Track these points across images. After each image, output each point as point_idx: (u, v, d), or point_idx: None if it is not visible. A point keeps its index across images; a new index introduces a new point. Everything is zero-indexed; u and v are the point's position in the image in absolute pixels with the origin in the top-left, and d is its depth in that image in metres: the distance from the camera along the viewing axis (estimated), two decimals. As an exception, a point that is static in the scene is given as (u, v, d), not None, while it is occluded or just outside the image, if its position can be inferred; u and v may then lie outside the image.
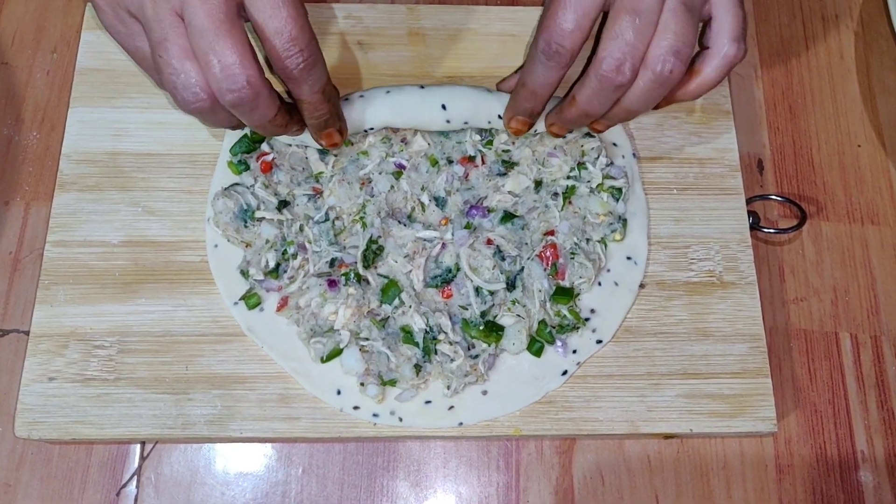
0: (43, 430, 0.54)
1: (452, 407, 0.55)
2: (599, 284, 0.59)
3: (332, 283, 0.56)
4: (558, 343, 0.57)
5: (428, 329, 0.55)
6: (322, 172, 0.60)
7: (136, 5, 0.47)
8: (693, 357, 0.57)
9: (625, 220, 0.60)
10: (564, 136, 0.59)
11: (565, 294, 0.57)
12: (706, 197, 0.62)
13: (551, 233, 0.58)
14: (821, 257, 0.63)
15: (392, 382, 0.55)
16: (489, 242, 0.58)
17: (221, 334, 0.57)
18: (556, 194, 0.60)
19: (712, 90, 0.55)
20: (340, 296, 0.56)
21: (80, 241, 0.59)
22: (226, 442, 0.56)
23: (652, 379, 0.57)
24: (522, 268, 0.58)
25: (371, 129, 0.59)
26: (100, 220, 0.59)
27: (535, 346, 0.56)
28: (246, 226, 0.58)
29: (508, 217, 0.59)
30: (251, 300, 0.57)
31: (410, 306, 0.56)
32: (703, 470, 0.57)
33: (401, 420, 0.55)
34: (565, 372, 0.56)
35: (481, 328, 0.56)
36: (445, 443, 0.57)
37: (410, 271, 0.57)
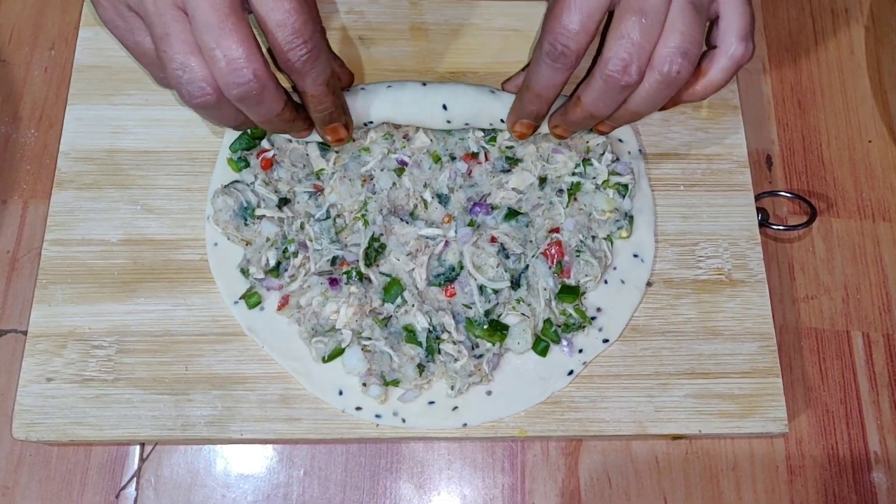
0: (41, 432, 0.54)
1: (456, 407, 0.55)
2: (606, 282, 0.58)
3: (334, 282, 0.56)
4: (564, 342, 0.56)
5: (431, 328, 0.55)
6: (323, 169, 0.59)
7: (136, 0, 0.47)
8: (702, 356, 0.57)
9: (631, 217, 0.59)
10: (567, 142, 0.59)
11: (571, 292, 0.57)
12: (714, 193, 0.61)
13: (556, 230, 0.58)
14: (831, 254, 0.63)
15: (395, 383, 0.55)
16: (493, 240, 0.57)
17: (221, 334, 0.56)
18: (561, 191, 0.59)
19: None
20: (342, 294, 0.55)
21: (79, 240, 0.58)
22: (226, 443, 0.56)
23: (660, 379, 0.56)
24: (527, 266, 0.57)
25: (370, 124, 0.58)
26: (98, 219, 0.59)
27: (541, 346, 0.56)
28: (246, 223, 0.57)
29: (512, 214, 0.58)
30: (251, 299, 0.57)
31: (413, 305, 0.55)
32: (713, 471, 0.57)
33: (404, 421, 0.55)
34: (571, 372, 0.56)
35: (485, 327, 0.55)
36: (449, 444, 0.57)
37: (413, 269, 0.56)
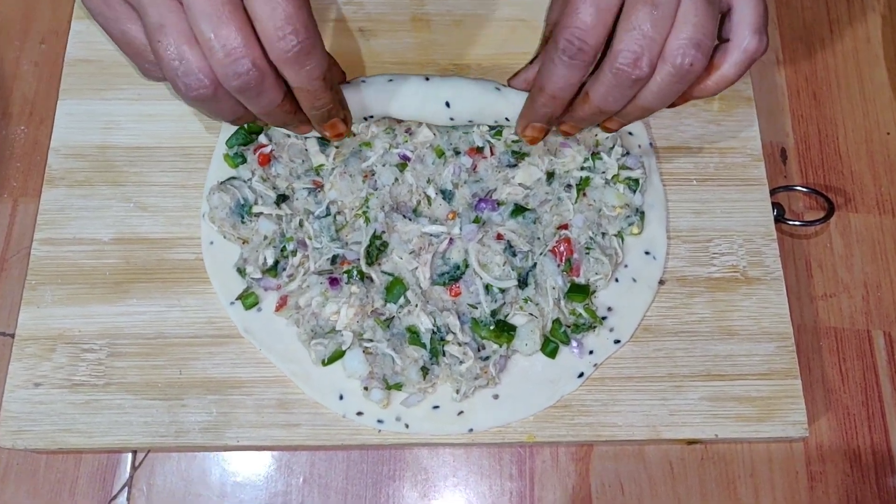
0: (29, 440, 0.53)
1: (462, 412, 0.54)
2: (616, 281, 0.57)
3: (334, 282, 0.55)
4: (574, 343, 0.55)
5: (435, 329, 0.54)
6: (322, 165, 0.59)
7: None
8: (717, 357, 0.56)
9: (642, 213, 0.59)
10: (575, 136, 0.58)
11: (580, 291, 0.56)
12: (727, 188, 0.60)
13: (565, 227, 0.57)
14: (850, 251, 0.61)
15: (398, 386, 0.54)
16: (499, 237, 0.56)
17: (217, 336, 0.56)
18: (570, 186, 0.58)
19: (732, 83, 0.53)
20: (342, 294, 0.55)
21: (69, 239, 0.58)
22: (222, 450, 0.55)
23: (674, 381, 0.55)
24: (535, 264, 0.56)
25: (371, 118, 0.58)
26: (90, 217, 0.58)
27: (550, 347, 0.55)
28: (243, 221, 0.57)
29: (519, 210, 0.57)
30: (248, 300, 0.56)
31: (417, 305, 0.54)
32: (730, 477, 0.55)
33: (407, 426, 0.54)
34: (581, 374, 0.55)
35: (492, 328, 0.54)
36: (455, 450, 0.56)
37: (416, 268, 0.56)
